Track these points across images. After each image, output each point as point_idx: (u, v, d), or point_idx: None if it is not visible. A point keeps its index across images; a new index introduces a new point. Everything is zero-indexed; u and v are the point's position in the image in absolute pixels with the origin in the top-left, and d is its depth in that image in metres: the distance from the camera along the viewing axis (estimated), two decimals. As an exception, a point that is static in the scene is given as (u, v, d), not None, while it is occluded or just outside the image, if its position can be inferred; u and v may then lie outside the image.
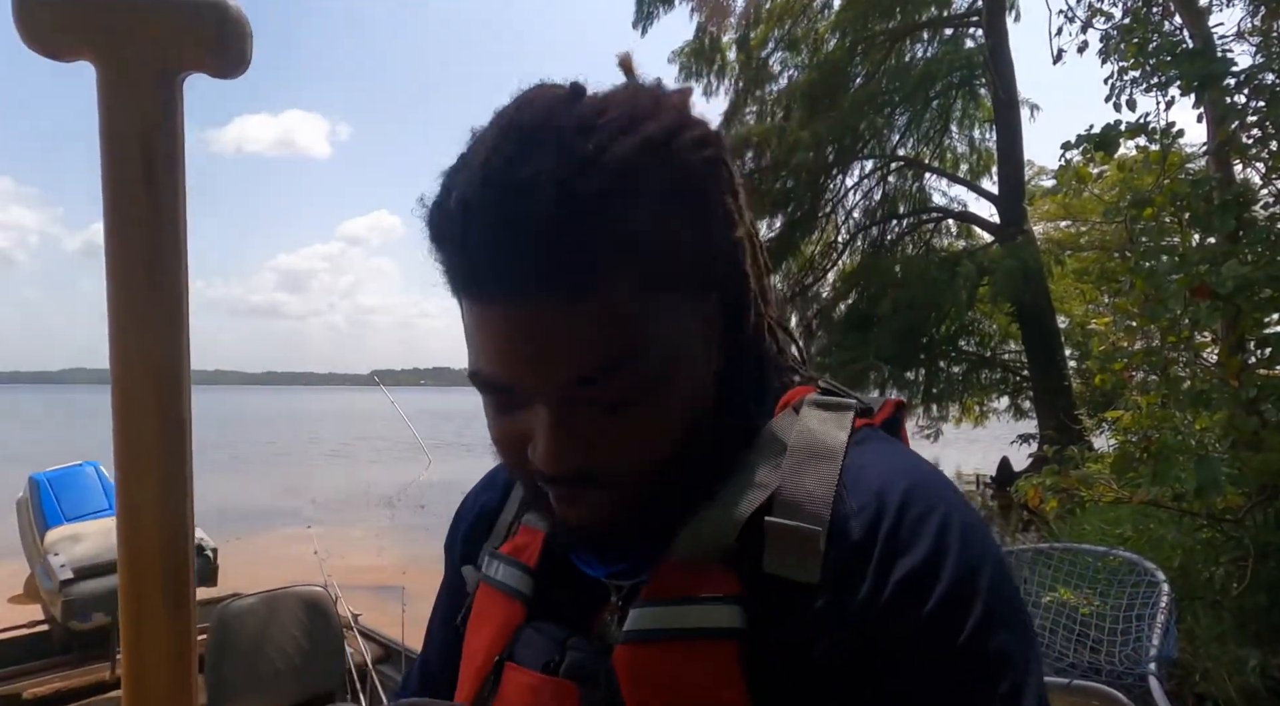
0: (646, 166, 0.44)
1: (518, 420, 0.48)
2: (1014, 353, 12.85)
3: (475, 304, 0.45)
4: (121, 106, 0.33)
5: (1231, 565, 3.04)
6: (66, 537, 2.61)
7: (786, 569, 0.47)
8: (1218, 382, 2.92)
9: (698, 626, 0.47)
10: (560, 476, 0.47)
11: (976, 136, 12.74)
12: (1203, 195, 2.82)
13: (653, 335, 0.46)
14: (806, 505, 0.48)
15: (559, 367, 0.44)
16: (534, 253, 0.42)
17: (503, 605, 0.55)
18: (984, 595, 0.46)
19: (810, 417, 0.52)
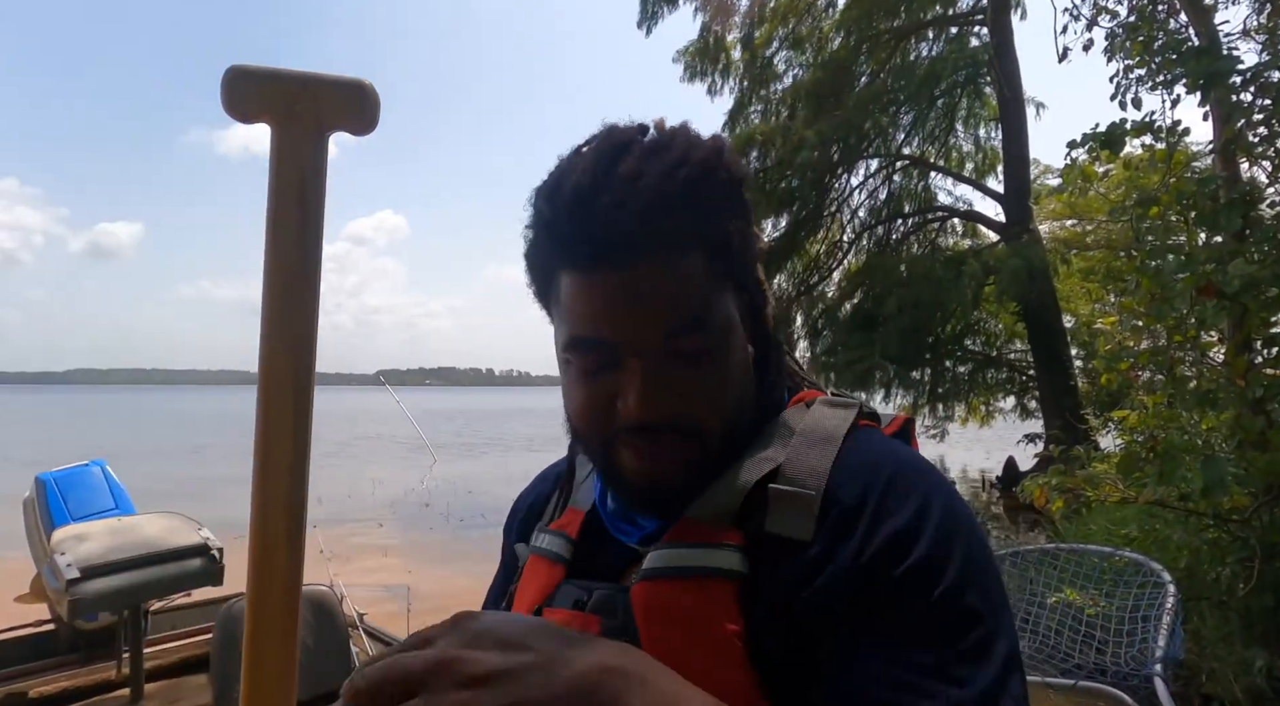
0: (715, 170, 0.57)
1: (605, 383, 0.57)
2: (1020, 352, 12.81)
3: (585, 274, 0.55)
4: (288, 156, 0.45)
5: (1238, 565, 3.02)
6: (73, 537, 2.62)
7: (785, 528, 0.54)
8: (1224, 382, 2.90)
9: (703, 565, 0.54)
10: (649, 423, 0.55)
11: (982, 135, 12.70)
12: (1209, 194, 2.80)
13: (716, 306, 0.57)
14: (805, 475, 0.55)
15: (657, 319, 0.55)
16: (641, 225, 0.53)
17: (547, 568, 0.64)
18: (959, 558, 0.51)
19: (819, 411, 0.61)
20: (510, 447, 26.49)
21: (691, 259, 0.56)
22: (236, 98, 0.45)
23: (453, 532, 10.85)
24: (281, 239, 0.45)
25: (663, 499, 0.58)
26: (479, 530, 10.54)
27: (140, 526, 2.84)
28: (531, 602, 0.62)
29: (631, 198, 0.53)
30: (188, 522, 2.95)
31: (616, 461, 0.59)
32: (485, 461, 21.74)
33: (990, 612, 0.50)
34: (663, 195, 0.54)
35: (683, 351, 0.56)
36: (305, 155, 0.45)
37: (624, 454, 0.58)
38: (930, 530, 0.51)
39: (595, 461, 0.63)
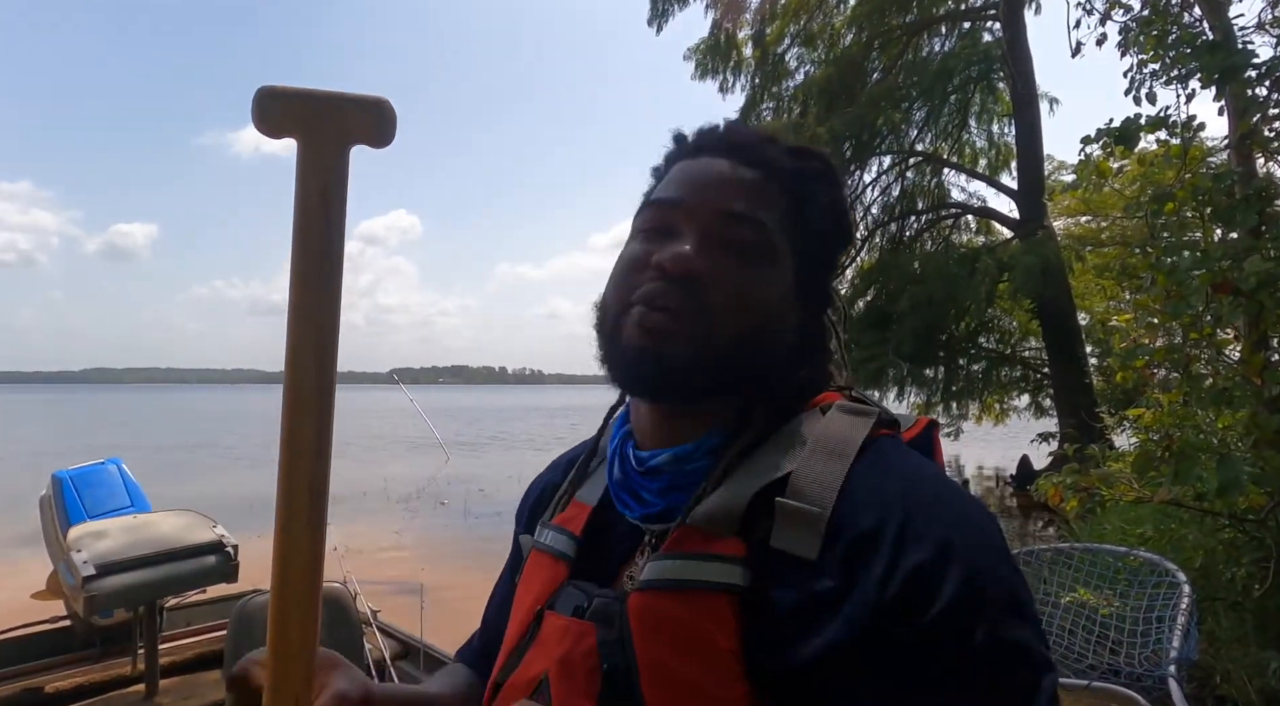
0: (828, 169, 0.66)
1: (655, 245, 0.60)
2: (1034, 350, 12.69)
3: (691, 156, 0.65)
4: (313, 169, 0.49)
5: (1253, 566, 2.99)
6: (89, 534, 2.66)
7: (790, 544, 0.52)
8: (1240, 380, 2.86)
9: (702, 578, 0.52)
10: (676, 273, 0.57)
11: (995, 131, 12.59)
12: (1224, 189, 2.76)
13: (776, 237, 0.61)
14: (814, 490, 0.53)
15: (722, 196, 0.61)
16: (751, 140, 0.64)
17: (549, 566, 0.64)
18: (995, 591, 0.48)
19: (833, 419, 0.59)
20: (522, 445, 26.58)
21: (777, 194, 0.62)
22: (266, 115, 0.48)
23: (466, 530, 10.90)
24: (307, 245, 0.48)
25: (657, 369, 0.57)
26: (492, 527, 10.57)
27: (156, 524, 2.88)
28: (533, 602, 0.62)
29: (754, 131, 0.65)
30: (203, 520, 2.98)
31: (622, 328, 0.59)
32: (499, 459, 21.81)
33: (1031, 644, 0.48)
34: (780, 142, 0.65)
35: (733, 240, 0.59)
36: (329, 168, 0.49)
37: (632, 314, 0.58)
38: (961, 563, 0.48)
39: (603, 339, 0.62)
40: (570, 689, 0.54)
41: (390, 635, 3.24)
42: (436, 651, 3.10)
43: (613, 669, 0.53)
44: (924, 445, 0.63)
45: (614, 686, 0.52)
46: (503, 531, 12.24)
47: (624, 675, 0.52)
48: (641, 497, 0.62)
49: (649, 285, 0.58)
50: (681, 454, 0.60)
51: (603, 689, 0.53)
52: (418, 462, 19.42)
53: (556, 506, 0.70)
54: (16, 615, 3.10)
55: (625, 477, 0.64)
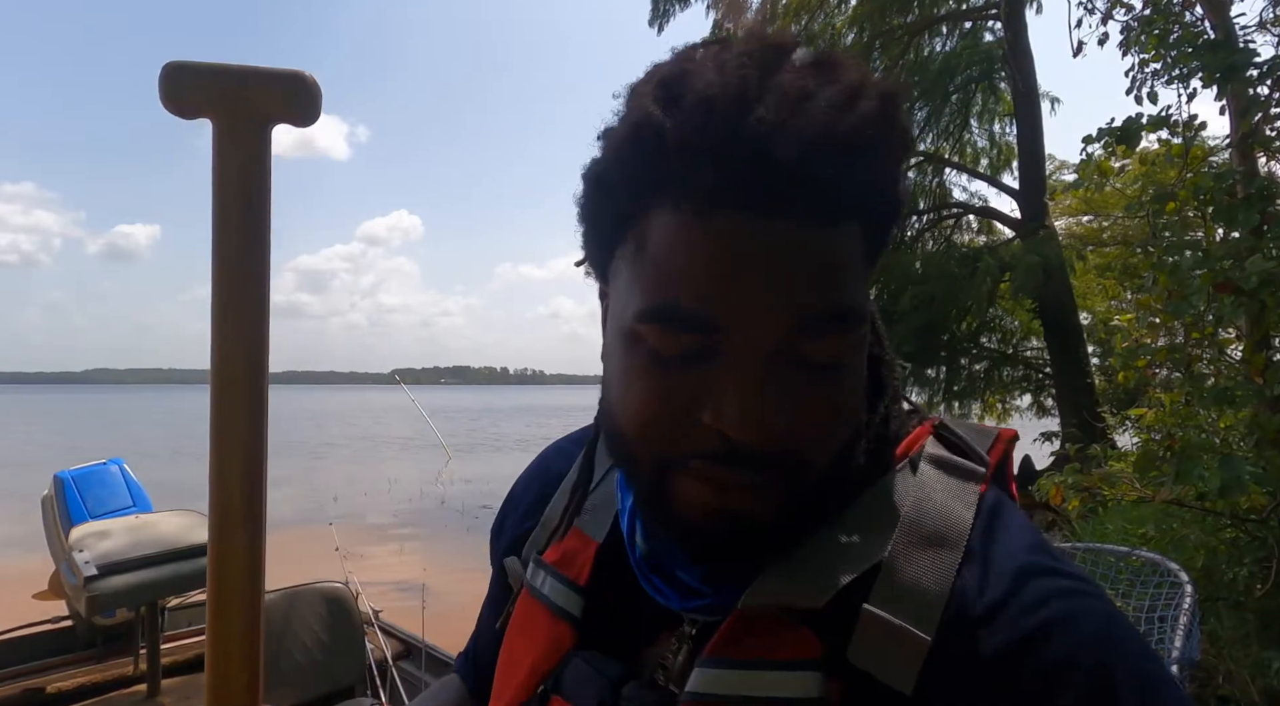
0: (895, 115, 0.39)
1: (689, 380, 0.40)
2: (1036, 349, 12.68)
3: (702, 215, 0.38)
4: (230, 150, 0.44)
5: (1255, 566, 2.99)
6: (91, 534, 2.66)
7: (876, 667, 0.40)
8: (1242, 380, 2.86)
9: (772, 695, 0.41)
10: (747, 449, 0.39)
11: (997, 131, 12.58)
12: (1226, 189, 2.76)
13: (861, 301, 0.41)
14: (914, 601, 0.41)
15: (794, 300, 0.38)
16: (805, 161, 0.36)
17: (548, 624, 0.51)
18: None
19: (931, 484, 0.45)
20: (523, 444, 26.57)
21: (850, 231, 0.40)
22: (175, 94, 0.44)
23: (468, 529, 10.91)
24: (227, 235, 0.45)
25: (737, 546, 0.42)
26: (494, 527, 10.56)
27: (157, 524, 2.89)
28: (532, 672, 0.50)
29: (796, 120, 0.36)
30: (205, 519, 2.98)
31: (673, 493, 0.42)
32: (501, 458, 21.83)
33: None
34: (839, 129, 0.37)
35: (811, 354, 0.39)
36: (248, 150, 0.45)
37: (689, 485, 0.41)
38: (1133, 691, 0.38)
39: (638, 486, 0.45)
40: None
41: (392, 635, 3.25)
42: (438, 651, 3.10)
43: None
44: (1003, 474, 0.50)
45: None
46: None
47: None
48: (681, 582, 0.47)
49: (706, 458, 0.40)
50: None
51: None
52: (419, 462, 19.44)
53: (554, 532, 0.56)
54: (18, 615, 3.10)
55: (652, 552, 0.49)
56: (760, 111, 0.36)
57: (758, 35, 0.40)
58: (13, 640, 3.01)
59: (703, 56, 0.40)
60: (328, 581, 2.89)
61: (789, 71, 0.38)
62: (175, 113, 0.45)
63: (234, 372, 0.45)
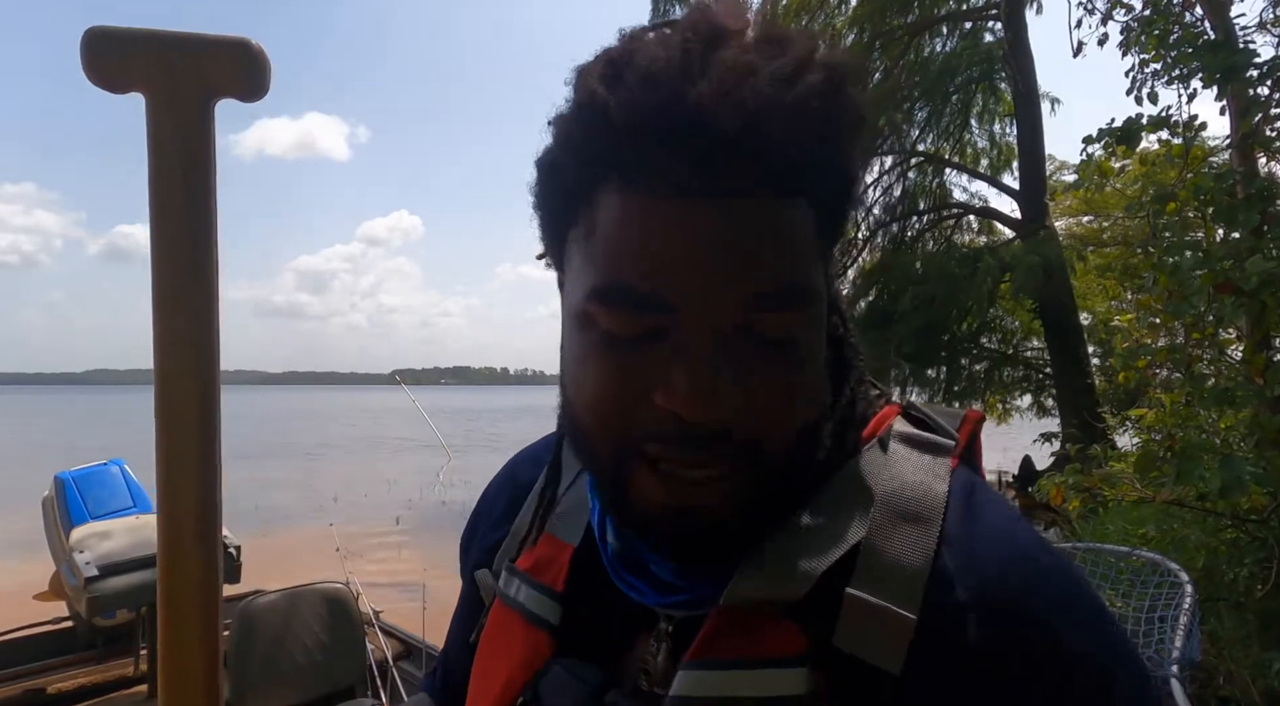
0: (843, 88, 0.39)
1: (642, 360, 0.39)
2: (1036, 350, 12.69)
3: (648, 193, 0.38)
4: (166, 128, 0.40)
5: (1256, 566, 2.99)
6: (92, 535, 2.66)
7: (864, 650, 0.39)
8: (1242, 380, 2.86)
9: (758, 695, 0.40)
10: (698, 428, 0.38)
11: (997, 131, 12.59)
12: (1226, 189, 2.76)
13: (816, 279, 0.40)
14: (896, 580, 0.40)
15: (743, 277, 0.37)
16: (751, 136, 0.36)
17: (524, 634, 0.49)
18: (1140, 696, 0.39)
19: (902, 461, 0.45)
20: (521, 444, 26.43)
21: (801, 207, 0.39)
22: (99, 64, 0.39)
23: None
24: (167, 224, 0.40)
25: (695, 541, 0.41)
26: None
27: (157, 524, 2.88)
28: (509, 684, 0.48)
29: (738, 92, 0.36)
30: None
31: (631, 485, 0.41)
32: (501, 459, 21.77)
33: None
34: (784, 101, 0.36)
35: (764, 331, 0.39)
36: (188, 128, 0.40)
37: (645, 475, 0.40)
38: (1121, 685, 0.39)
39: (599, 480, 0.44)
40: None
41: (392, 635, 3.25)
42: (438, 652, 3.10)
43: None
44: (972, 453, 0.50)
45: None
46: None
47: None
48: (656, 578, 0.45)
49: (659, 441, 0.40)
50: None
51: None
52: (420, 463, 19.44)
53: (525, 538, 0.54)
54: (19, 616, 3.10)
55: (625, 549, 0.47)
56: (703, 85, 0.36)
57: (706, 13, 0.39)
58: (14, 641, 3.01)
59: (650, 37, 0.39)
60: (328, 582, 2.90)
61: (734, 47, 0.37)
62: (102, 86, 0.39)
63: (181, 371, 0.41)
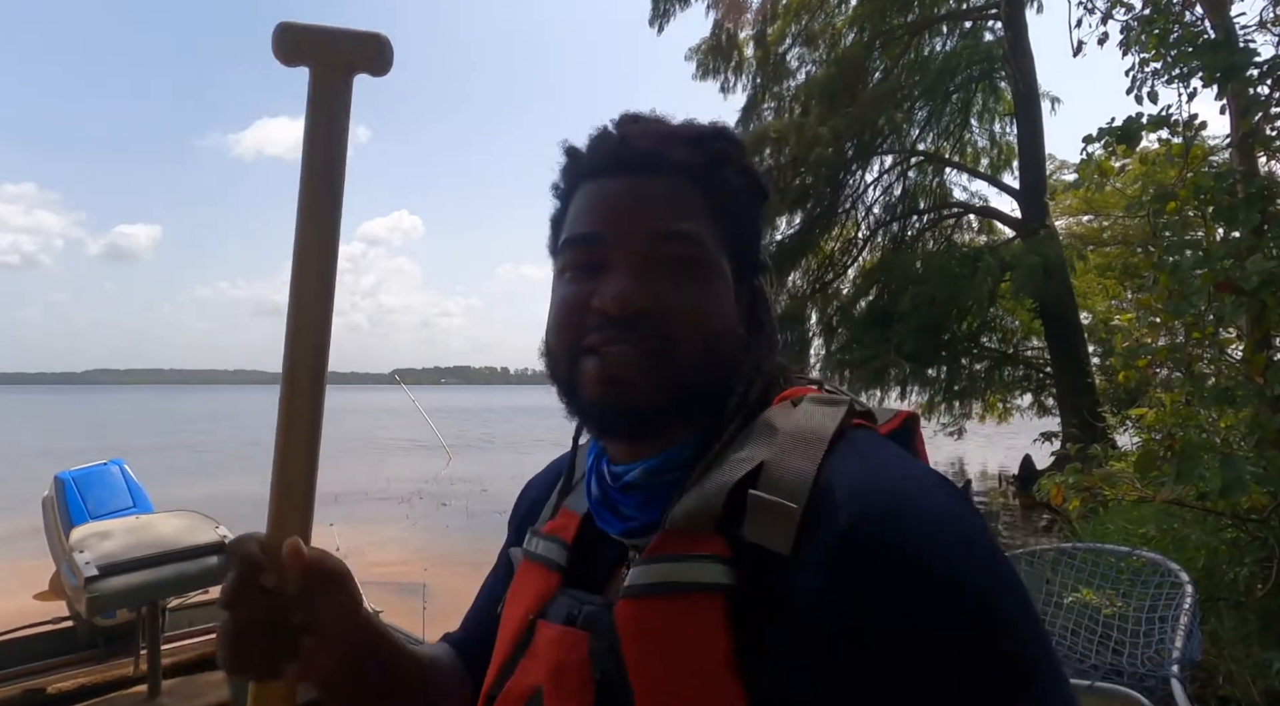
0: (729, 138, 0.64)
1: (589, 285, 0.58)
2: (1036, 349, 12.68)
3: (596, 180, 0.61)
4: (322, 92, 0.57)
5: (1256, 566, 2.99)
6: (92, 535, 2.66)
7: (764, 538, 0.50)
8: (1243, 380, 2.86)
9: (687, 581, 0.51)
10: (620, 316, 0.55)
11: (997, 130, 12.58)
12: (1226, 189, 2.76)
13: (707, 239, 0.59)
14: (787, 481, 0.51)
15: (647, 217, 0.59)
16: (653, 146, 0.61)
17: (541, 576, 0.63)
18: (985, 590, 0.47)
19: (806, 409, 0.58)
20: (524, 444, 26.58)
21: (691, 193, 0.60)
22: (283, 45, 0.56)
23: (469, 530, 10.89)
24: (314, 159, 0.56)
25: (625, 414, 0.56)
26: (495, 528, 10.51)
27: (158, 524, 2.88)
28: (525, 612, 0.61)
29: (648, 127, 0.63)
30: (205, 521, 2.99)
31: (579, 374, 0.58)
32: (501, 459, 21.83)
33: (1039, 641, 0.46)
34: (676, 134, 0.62)
35: (668, 258, 0.57)
36: (336, 92, 0.57)
37: (587, 366, 0.57)
38: (956, 563, 0.47)
39: (561, 387, 0.61)
40: (563, 699, 0.53)
41: None
42: None
43: (605, 678, 0.52)
44: (904, 440, 0.61)
45: (608, 696, 0.51)
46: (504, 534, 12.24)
47: (617, 684, 0.51)
48: (620, 512, 0.61)
49: (596, 332, 0.57)
50: (651, 468, 0.59)
51: (596, 699, 0.52)
52: (419, 463, 19.44)
53: (547, 516, 0.69)
54: (19, 616, 3.10)
55: (603, 494, 0.63)
56: (627, 127, 0.63)
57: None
58: (14, 640, 3.01)
59: None
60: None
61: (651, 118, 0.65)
62: (283, 61, 0.57)
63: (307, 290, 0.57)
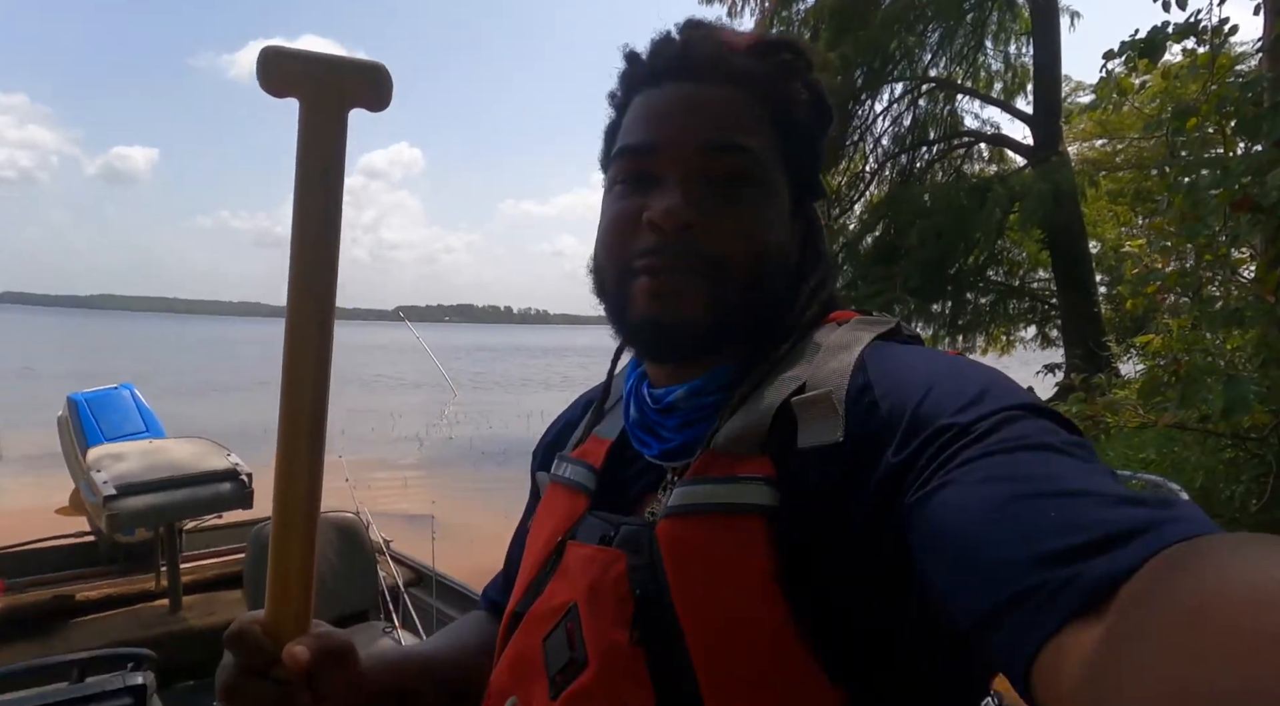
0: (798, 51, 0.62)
1: (640, 200, 0.57)
2: (1042, 281, 12.57)
3: (653, 87, 0.59)
4: (314, 127, 0.52)
5: (1253, 483, 3.03)
6: (108, 456, 2.71)
7: (815, 437, 0.50)
8: (1253, 299, 2.83)
9: (731, 501, 0.51)
10: (671, 235, 0.55)
11: (1012, 52, 12.09)
12: (1252, 98, 2.65)
13: (763, 154, 0.58)
14: (823, 378, 0.53)
15: (700, 127, 0.57)
16: (715, 52, 0.59)
17: (568, 498, 0.62)
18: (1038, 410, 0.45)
19: (849, 327, 0.58)
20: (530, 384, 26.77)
21: (752, 105, 0.58)
22: (269, 74, 0.51)
23: (474, 465, 11.07)
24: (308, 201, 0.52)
25: (675, 333, 0.56)
26: (499, 463, 10.71)
27: (171, 450, 2.93)
28: (552, 533, 0.61)
29: (712, 35, 0.61)
30: (218, 448, 3.03)
31: (630, 296, 0.57)
32: (504, 396, 22.03)
33: (1064, 439, 0.43)
34: (740, 42, 0.60)
35: (720, 174, 0.56)
36: (329, 129, 0.52)
37: (638, 284, 0.56)
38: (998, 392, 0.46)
39: (609, 305, 0.60)
40: (600, 616, 0.53)
41: (403, 563, 3.32)
42: (448, 579, 3.17)
43: (645, 596, 0.51)
44: None
45: (648, 614, 0.51)
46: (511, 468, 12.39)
47: (656, 602, 0.51)
48: (659, 435, 0.60)
49: (646, 247, 0.56)
50: (695, 388, 0.59)
51: (635, 615, 0.51)
52: (424, 399, 19.63)
53: (575, 443, 0.69)
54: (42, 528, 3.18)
55: (642, 416, 0.62)
56: (689, 33, 0.61)
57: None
58: (42, 549, 3.10)
59: None
60: (339, 510, 2.95)
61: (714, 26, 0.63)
62: (269, 92, 0.52)
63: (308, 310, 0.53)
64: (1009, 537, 0.36)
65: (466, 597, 3.01)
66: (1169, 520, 0.33)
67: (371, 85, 0.53)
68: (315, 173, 0.52)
